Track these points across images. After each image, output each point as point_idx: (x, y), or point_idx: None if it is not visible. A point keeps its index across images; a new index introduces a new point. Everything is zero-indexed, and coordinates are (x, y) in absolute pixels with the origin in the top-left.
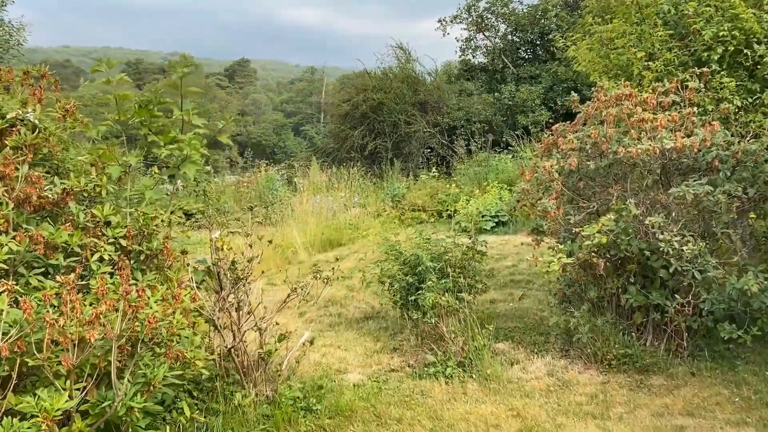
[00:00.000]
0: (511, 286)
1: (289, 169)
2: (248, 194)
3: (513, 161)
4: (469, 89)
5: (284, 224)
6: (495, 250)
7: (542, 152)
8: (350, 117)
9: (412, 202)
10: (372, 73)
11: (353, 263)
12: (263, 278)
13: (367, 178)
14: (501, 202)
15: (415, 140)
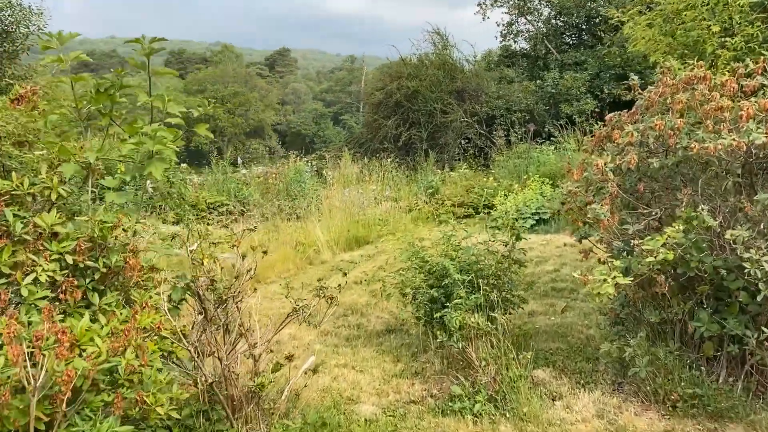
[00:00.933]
0: (552, 295)
1: (319, 160)
2: (276, 186)
3: (555, 153)
4: (510, 76)
5: (309, 219)
6: (535, 252)
7: (593, 146)
8: (384, 106)
9: (447, 197)
10: (407, 59)
11: (380, 263)
12: (280, 281)
13: (400, 170)
14: (542, 197)
15: (452, 130)
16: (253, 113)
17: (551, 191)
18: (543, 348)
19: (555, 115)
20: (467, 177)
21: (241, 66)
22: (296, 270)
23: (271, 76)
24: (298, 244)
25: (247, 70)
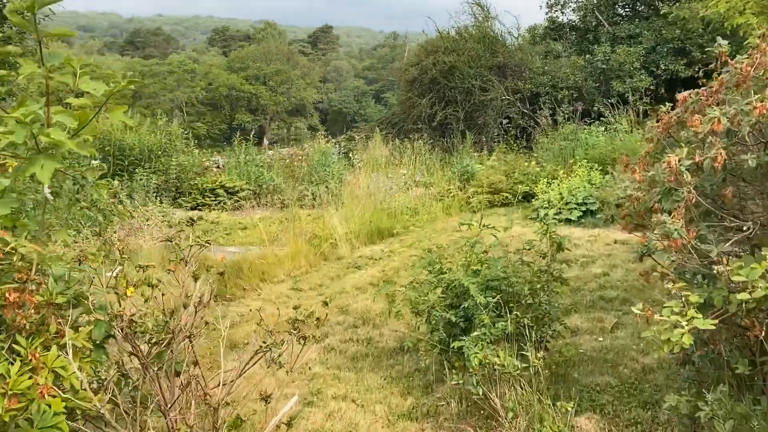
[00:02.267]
0: (600, 306)
1: (348, 141)
2: (300, 170)
3: (606, 135)
4: (557, 51)
5: (328, 208)
6: (581, 250)
7: (660, 134)
8: (418, 83)
9: (483, 183)
10: (444, 33)
11: (402, 261)
12: (289, 280)
13: (434, 153)
14: (590, 186)
15: (491, 109)
16: (294, 91)
17: (601, 178)
18: (588, 384)
19: (605, 93)
20: (507, 160)
21: (284, 43)
22: (308, 267)
23: (314, 53)
24: (314, 236)
25: (290, 47)
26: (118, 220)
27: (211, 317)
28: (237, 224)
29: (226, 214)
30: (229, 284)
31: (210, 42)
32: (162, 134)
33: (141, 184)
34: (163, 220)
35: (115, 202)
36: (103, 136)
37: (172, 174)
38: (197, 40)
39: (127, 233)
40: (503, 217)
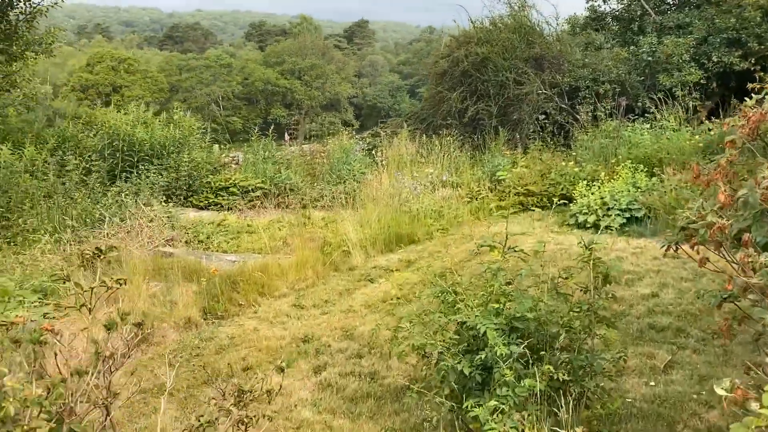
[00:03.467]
0: (650, 336)
1: (374, 137)
2: (321, 167)
3: (651, 132)
4: (598, 42)
5: (347, 209)
6: (625, 265)
7: (747, 136)
8: (449, 76)
9: (517, 183)
10: (477, 23)
11: (422, 274)
12: (292, 295)
13: (464, 150)
14: (635, 190)
15: (527, 104)
16: (329, 86)
17: (646, 181)
18: None
19: (651, 88)
20: (543, 159)
21: (320, 38)
22: (315, 279)
23: (349, 48)
24: (326, 243)
25: (325, 42)
26: (119, 221)
27: (197, 339)
28: (245, 227)
29: (236, 215)
30: (222, 299)
31: (247, 37)
32: (176, 129)
33: (147, 182)
34: (167, 221)
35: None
36: (113, 131)
37: (183, 171)
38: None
39: (124, 237)
40: (537, 222)
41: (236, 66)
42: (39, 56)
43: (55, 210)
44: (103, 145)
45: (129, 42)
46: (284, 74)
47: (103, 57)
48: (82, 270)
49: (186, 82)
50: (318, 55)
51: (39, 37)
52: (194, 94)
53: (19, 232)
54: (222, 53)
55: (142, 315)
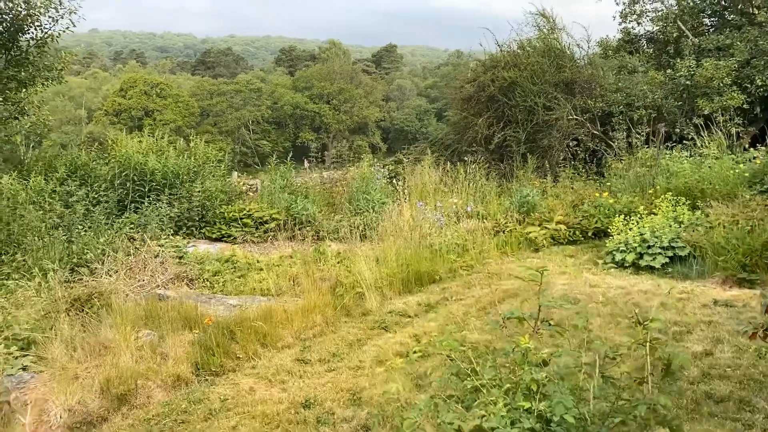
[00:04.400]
0: (708, 411)
1: (396, 164)
2: (341, 196)
3: (691, 161)
4: (632, 65)
5: (365, 242)
6: (670, 313)
7: None
8: (474, 101)
9: (547, 215)
10: (505, 46)
11: (442, 322)
12: (297, 345)
13: (491, 179)
14: (677, 225)
15: (557, 130)
16: (357, 110)
17: (689, 215)
18: None
19: (689, 113)
20: (575, 188)
21: (348, 63)
22: (324, 326)
23: (377, 72)
24: (338, 283)
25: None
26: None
27: (186, 401)
28: (255, 263)
29: (248, 249)
30: (218, 352)
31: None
32: (191, 157)
33: (156, 213)
34: (175, 254)
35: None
36: (124, 159)
37: (195, 201)
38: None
39: (125, 275)
40: (570, 259)
41: (266, 90)
42: (48, 83)
43: (54, 245)
44: (113, 175)
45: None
46: (313, 98)
47: (136, 82)
48: (69, 316)
49: (217, 106)
50: (346, 79)
51: (49, 62)
52: (225, 118)
53: (14, 269)
54: (252, 78)
55: (127, 372)
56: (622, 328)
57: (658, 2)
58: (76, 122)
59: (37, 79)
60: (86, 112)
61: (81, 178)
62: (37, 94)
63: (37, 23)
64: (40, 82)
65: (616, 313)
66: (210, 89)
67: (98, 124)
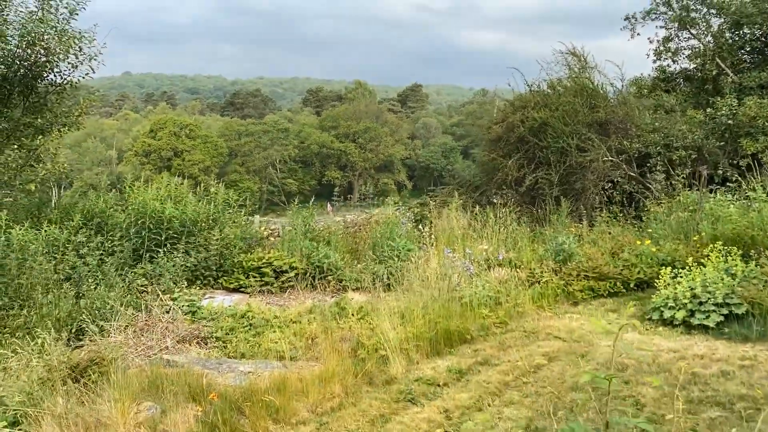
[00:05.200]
0: None
1: (421, 207)
2: (364, 242)
3: (738, 205)
4: (669, 104)
5: (391, 292)
6: (733, 384)
7: None
8: (504, 142)
9: (586, 264)
10: (535, 85)
11: (475, 394)
12: (312, 422)
13: (522, 224)
14: (730, 278)
15: (591, 172)
16: (383, 148)
17: (742, 267)
18: None
19: (732, 153)
20: (612, 234)
21: (374, 102)
22: (344, 396)
23: (403, 111)
24: (360, 344)
25: (379, 106)
26: (133, 312)
27: None
28: (272, 318)
29: (267, 301)
30: (225, 430)
31: (304, 102)
32: (210, 203)
33: (171, 264)
34: (187, 310)
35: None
36: (140, 207)
37: (213, 250)
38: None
39: (132, 335)
40: (612, 314)
41: (293, 130)
42: (66, 129)
43: (59, 301)
44: (129, 223)
45: (192, 108)
46: (339, 137)
47: (165, 123)
48: (66, 385)
49: (245, 146)
50: (372, 118)
51: (67, 108)
52: (252, 157)
53: (17, 328)
54: (280, 118)
55: None
56: (683, 403)
57: (695, 39)
58: (107, 163)
59: (54, 125)
60: (117, 152)
61: (97, 226)
62: (53, 141)
63: (56, 69)
64: (57, 128)
65: (671, 383)
66: (238, 129)
67: (128, 165)
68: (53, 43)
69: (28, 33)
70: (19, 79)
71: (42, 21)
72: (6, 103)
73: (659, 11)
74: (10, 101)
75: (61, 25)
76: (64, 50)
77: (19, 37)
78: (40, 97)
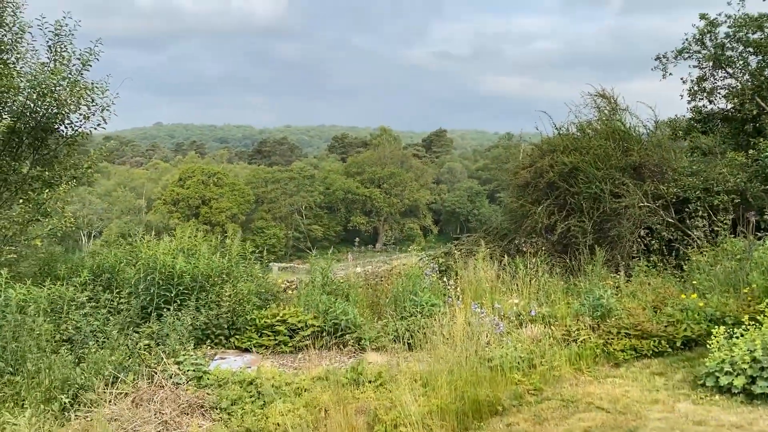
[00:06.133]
0: None
1: (446, 257)
2: (386, 296)
3: None
4: (706, 146)
5: (414, 351)
6: None
7: None
8: (532, 188)
9: (626, 321)
10: (563, 129)
11: None
12: None
13: (555, 274)
14: None
15: (626, 219)
16: (408, 193)
17: None
18: None
19: None
20: (652, 286)
21: (399, 148)
22: None
23: (427, 156)
24: (376, 418)
25: (404, 151)
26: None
27: None
28: (283, 385)
29: (278, 363)
30: None
31: (330, 149)
32: (225, 256)
33: (179, 323)
34: (193, 375)
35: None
36: (149, 262)
37: (225, 307)
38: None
39: (131, 404)
40: (659, 378)
41: (318, 177)
42: (75, 182)
43: (53, 367)
44: (138, 279)
45: (220, 157)
46: (364, 183)
47: (194, 172)
48: None
49: (271, 193)
50: (397, 163)
51: (76, 160)
52: (278, 204)
53: (12, 394)
54: (306, 165)
55: None
56: None
57: (731, 78)
58: (136, 212)
59: (63, 178)
60: (146, 201)
61: (107, 281)
62: (61, 195)
63: (67, 121)
64: (66, 181)
65: None
66: (265, 177)
67: (156, 213)
68: (65, 95)
69: (39, 84)
70: (28, 131)
71: (54, 72)
72: (15, 155)
73: (692, 50)
74: (18, 154)
75: (74, 77)
76: (76, 101)
77: (29, 88)
78: (50, 149)
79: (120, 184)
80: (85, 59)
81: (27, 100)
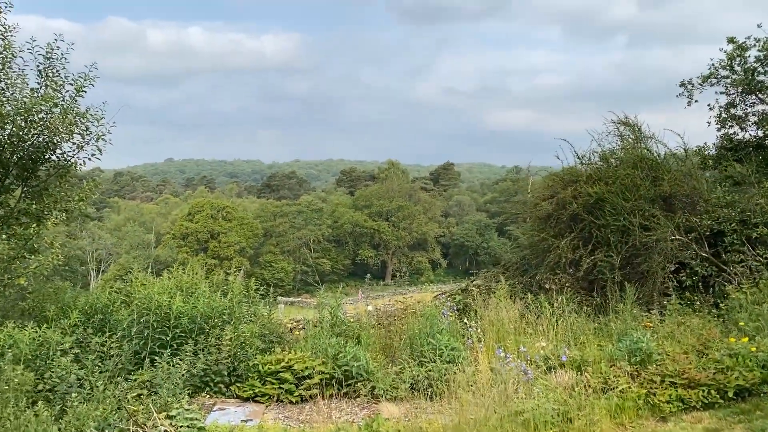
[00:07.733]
0: None
1: (463, 294)
2: (400, 337)
3: None
4: (739, 175)
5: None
6: None
7: None
8: (554, 220)
9: (670, 367)
10: (585, 157)
11: None
12: None
13: (582, 314)
14: None
15: (658, 253)
16: (416, 226)
17: None
18: None
19: None
20: (691, 326)
21: (406, 181)
22: None
23: (435, 189)
24: None
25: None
26: None
27: None
28: None
29: (282, 416)
30: None
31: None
32: (226, 295)
33: (175, 371)
34: None
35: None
36: (144, 303)
37: (225, 352)
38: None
39: None
40: None
41: (326, 210)
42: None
43: (29, 424)
44: (131, 321)
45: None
46: (372, 216)
47: (203, 206)
48: None
49: (279, 226)
50: (405, 197)
51: (67, 193)
52: (287, 237)
53: None
54: (314, 198)
55: None
56: None
57: (763, 104)
58: (145, 246)
59: (52, 211)
60: (155, 236)
61: (100, 323)
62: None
63: (59, 151)
64: (55, 215)
65: None
66: (273, 211)
67: (165, 248)
68: (57, 122)
69: (27, 111)
70: (15, 162)
71: (44, 99)
72: (1, 188)
73: (719, 75)
74: (5, 186)
75: (67, 104)
76: (68, 129)
77: (15, 114)
78: (40, 181)
79: (129, 218)
80: (79, 85)
81: (13, 127)
